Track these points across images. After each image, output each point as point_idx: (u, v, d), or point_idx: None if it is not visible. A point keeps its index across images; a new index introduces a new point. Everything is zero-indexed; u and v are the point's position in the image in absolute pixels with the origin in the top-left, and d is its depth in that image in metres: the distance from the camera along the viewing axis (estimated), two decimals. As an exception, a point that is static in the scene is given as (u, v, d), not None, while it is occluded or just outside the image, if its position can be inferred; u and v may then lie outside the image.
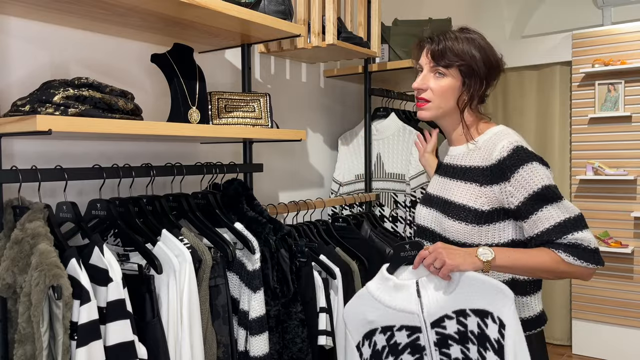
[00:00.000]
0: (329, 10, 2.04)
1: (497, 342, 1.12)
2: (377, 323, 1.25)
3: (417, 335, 1.22)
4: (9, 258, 1.18)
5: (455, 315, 1.17)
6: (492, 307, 1.13)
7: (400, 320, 1.23)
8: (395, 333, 1.24)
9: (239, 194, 1.71)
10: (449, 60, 1.29)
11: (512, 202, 1.23)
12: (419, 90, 1.33)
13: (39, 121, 1.07)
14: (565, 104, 3.90)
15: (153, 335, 1.26)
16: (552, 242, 1.21)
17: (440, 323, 1.19)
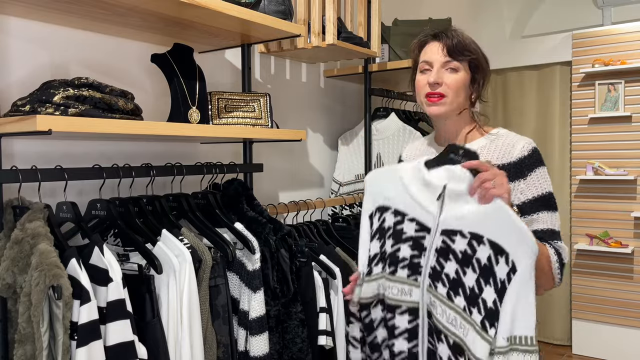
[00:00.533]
0: (329, 10, 2.04)
1: (501, 283, 1.08)
2: (393, 202, 1.27)
3: (423, 234, 1.21)
4: (9, 258, 1.18)
5: (470, 236, 1.14)
6: (511, 250, 1.08)
7: (416, 212, 1.23)
8: (405, 221, 1.24)
9: (239, 194, 1.71)
10: (463, 55, 1.31)
11: (519, 198, 1.27)
12: (435, 85, 1.31)
13: (39, 121, 1.08)
14: (565, 104, 3.90)
15: (153, 335, 1.26)
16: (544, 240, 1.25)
17: (452, 235, 1.16)
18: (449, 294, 1.15)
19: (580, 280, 3.74)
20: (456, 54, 1.31)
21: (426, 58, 1.34)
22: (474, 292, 1.12)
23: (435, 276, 1.18)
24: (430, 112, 1.34)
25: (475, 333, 1.09)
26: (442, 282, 1.17)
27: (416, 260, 1.21)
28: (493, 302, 1.09)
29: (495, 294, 1.09)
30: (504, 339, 1.06)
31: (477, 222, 1.13)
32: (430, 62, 1.33)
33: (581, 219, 3.74)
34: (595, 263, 3.68)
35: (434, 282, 1.18)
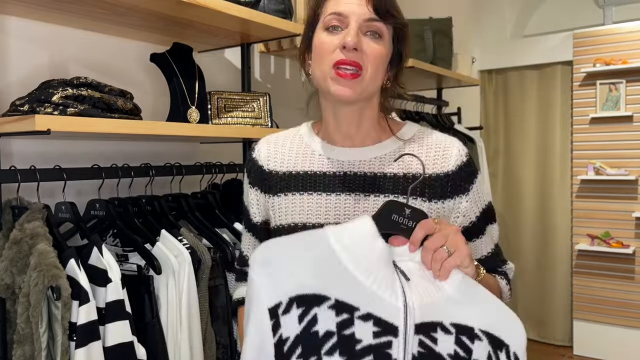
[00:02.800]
0: (329, 10, 2.04)
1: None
2: (329, 290, 0.77)
3: (388, 339, 0.77)
4: (7, 258, 1.18)
5: (455, 330, 0.79)
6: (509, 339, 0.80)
7: (370, 305, 0.77)
8: (355, 321, 0.77)
9: (239, 194, 1.71)
10: (392, 16, 0.91)
11: (461, 221, 0.96)
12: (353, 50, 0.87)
13: (37, 121, 1.07)
14: (567, 103, 3.90)
15: (152, 336, 1.26)
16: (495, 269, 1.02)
17: (430, 332, 0.78)
18: None
19: (581, 281, 3.73)
20: (383, 11, 0.89)
21: (339, 9, 0.89)
22: None
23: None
24: (337, 92, 0.90)
25: None
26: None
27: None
28: None
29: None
30: None
31: (457, 309, 0.79)
32: (344, 14, 0.89)
33: (582, 219, 3.74)
34: (596, 263, 3.68)
35: None
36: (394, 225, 0.82)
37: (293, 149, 1.03)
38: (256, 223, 1.06)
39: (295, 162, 1.01)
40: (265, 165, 1.03)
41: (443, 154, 0.95)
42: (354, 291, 0.78)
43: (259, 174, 1.04)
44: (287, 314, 0.78)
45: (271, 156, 1.03)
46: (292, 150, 1.03)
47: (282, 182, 1.00)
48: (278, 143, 1.05)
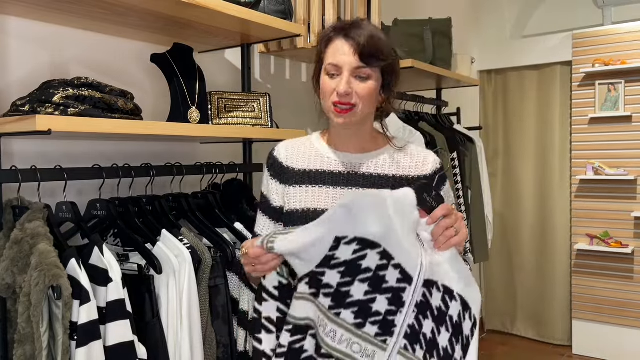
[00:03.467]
0: (329, 10, 2.04)
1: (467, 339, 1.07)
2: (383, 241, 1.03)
3: (404, 286, 1.03)
4: (8, 258, 1.18)
5: (443, 290, 1.05)
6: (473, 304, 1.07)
7: (402, 257, 1.03)
8: (389, 268, 1.03)
9: (239, 194, 1.71)
10: (378, 60, 1.14)
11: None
12: (346, 95, 1.13)
13: (38, 121, 1.07)
14: (566, 104, 3.90)
15: (153, 335, 1.26)
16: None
17: (430, 288, 1.04)
18: (425, 357, 1.04)
19: (580, 281, 3.74)
20: (370, 60, 1.13)
21: (335, 61, 1.15)
22: (447, 353, 1.06)
23: (413, 337, 1.04)
24: (338, 122, 1.17)
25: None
26: (420, 344, 1.05)
27: (390, 318, 1.03)
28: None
29: (461, 352, 1.07)
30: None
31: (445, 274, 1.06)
32: (339, 65, 1.14)
33: (581, 219, 3.74)
34: (596, 263, 3.68)
35: (412, 344, 1.04)
36: (424, 202, 1.06)
37: (306, 152, 1.29)
38: (276, 207, 1.29)
39: (309, 162, 1.27)
40: (285, 163, 1.28)
41: (423, 161, 1.25)
42: (395, 246, 1.03)
43: (279, 169, 1.29)
44: (347, 245, 1.03)
45: (289, 156, 1.29)
46: (305, 153, 1.29)
47: (297, 176, 1.26)
48: (294, 147, 1.31)
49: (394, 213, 1.03)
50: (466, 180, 2.80)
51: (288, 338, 1.06)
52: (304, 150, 1.29)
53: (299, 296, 1.07)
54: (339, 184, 1.22)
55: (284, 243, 1.04)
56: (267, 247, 1.05)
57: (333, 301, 1.03)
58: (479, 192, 2.91)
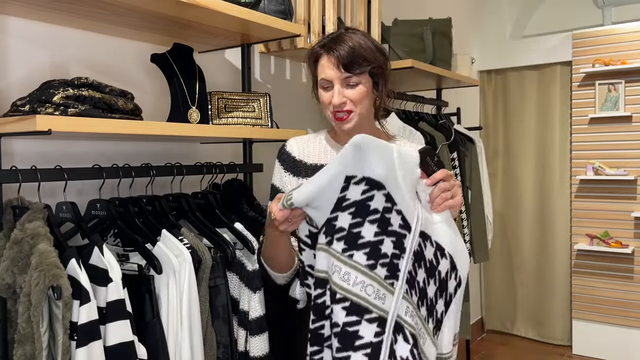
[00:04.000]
0: (329, 10, 2.04)
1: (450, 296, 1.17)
2: (388, 184, 1.10)
3: (405, 232, 1.12)
4: (8, 258, 1.18)
5: (436, 246, 1.15)
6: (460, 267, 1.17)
7: (403, 205, 1.12)
8: (393, 212, 1.11)
9: (239, 194, 1.71)
10: (361, 66, 1.25)
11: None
12: (341, 105, 1.26)
13: (38, 121, 1.07)
14: (566, 104, 3.90)
15: (153, 335, 1.26)
16: None
17: (425, 240, 1.14)
18: (418, 303, 1.14)
19: (580, 281, 3.74)
20: (353, 68, 1.24)
21: (324, 76, 1.28)
22: (432, 303, 1.16)
23: (411, 283, 1.12)
24: (340, 128, 1.31)
25: (430, 341, 1.15)
26: (415, 290, 1.13)
27: (395, 261, 1.11)
28: (441, 314, 1.17)
29: (444, 306, 1.17)
30: (451, 344, 1.17)
31: (439, 233, 1.15)
32: (328, 79, 1.27)
33: (581, 219, 3.74)
34: (596, 263, 3.68)
35: (410, 290, 1.12)
36: (426, 164, 1.15)
37: (316, 148, 1.41)
38: None
39: (319, 157, 1.39)
40: (297, 157, 1.40)
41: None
42: (397, 192, 1.11)
43: (291, 162, 1.40)
44: (356, 185, 1.10)
45: (300, 151, 1.41)
46: (315, 149, 1.41)
47: (309, 170, 1.37)
48: (305, 142, 1.43)
49: (398, 165, 1.12)
50: (466, 180, 2.80)
51: (312, 292, 1.15)
52: (314, 146, 1.41)
53: (318, 247, 1.13)
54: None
55: (300, 193, 1.11)
56: (287, 204, 1.12)
57: (346, 243, 1.10)
58: (479, 192, 2.91)
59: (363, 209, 1.10)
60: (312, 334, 1.14)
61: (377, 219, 1.10)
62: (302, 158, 1.39)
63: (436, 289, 1.16)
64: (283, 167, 1.41)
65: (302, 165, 1.39)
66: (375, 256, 1.09)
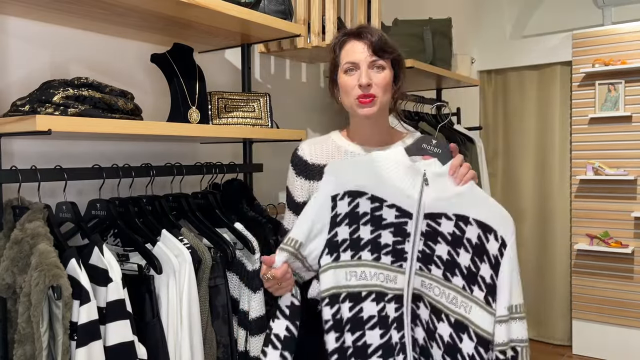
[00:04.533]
0: (329, 10, 2.04)
1: (495, 258, 1.18)
2: (368, 189, 1.24)
3: (405, 220, 1.22)
4: (8, 258, 1.18)
5: (455, 218, 1.20)
6: (498, 227, 1.18)
7: (395, 199, 1.23)
8: (383, 207, 1.23)
9: (239, 194, 1.71)
10: (387, 52, 1.31)
11: None
12: (367, 86, 1.30)
13: (38, 121, 1.07)
14: (566, 103, 3.90)
15: (153, 335, 1.26)
16: None
17: (436, 218, 1.21)
18: (445, 275, 1.21)
19: (580, 281, 3.74)
20: (381, 52, 1.30)
21: (351, 59, 1.31)
22: (471, 270, 1.19)
23: (426, 259, 1.22)
24: (363, 113, 1.32)
25: (480, 308, 1.17)
26: (436, 264, 1.22)
27: (400, 247, 1.23)
28: (491, 277, 1.17)
29: (491, 270, 1.18)
30: (505, 308, 1.16)
31: (458, 205, 1.20)
32: (356, 62, 1.31)
33: (581, 219, 3.74)
34: (596, 263, 3.68)
35: (425, 266, 1.22)
36: (424, 150, 1.23)
37: (329, 149, 1.42)
38: (299, 203, 1.42)
39: (332, 158, 1.40)
40: (309, 160, 1.42)
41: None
42: (386, 190, 1.23)
43: (303, 167, 1.43)
44: (341, 200, 1.24)
45: (312, 153, 1.43)
46: (328, 150, 1.42)
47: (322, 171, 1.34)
48: (317, 144, 1.45)
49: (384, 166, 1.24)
50: (466, 180, 2.79)
51: (329, 311, 1.22)
52: (326, 147, 1.43)
53: (324, 269, 1.23)
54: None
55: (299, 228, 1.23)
56: (294, 247, 1.22)
57: (352, 250, 1.23)
58: (479, 192, 2.91)
59: (354, 216, 1.24)
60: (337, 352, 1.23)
61: (369, 220, 1.24)
62: (315, 160, 1.42)
63: (471, 255, 1.19)
64: (295, 172, 1.44)
65: (314, 167, 1.41)
66: (377, 249, 1.23)
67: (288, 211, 1.46)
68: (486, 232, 1.18)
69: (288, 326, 1.24)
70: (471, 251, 1.19)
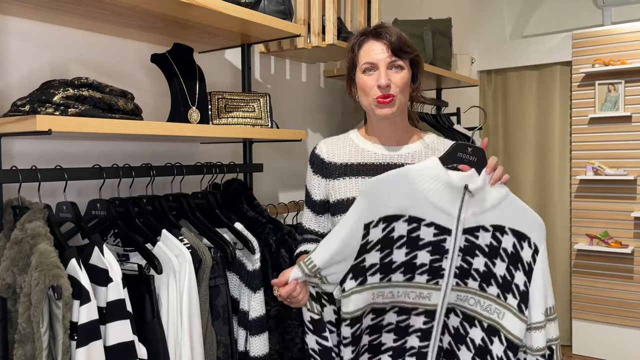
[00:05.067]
0: (329, 10, 2.04)
1: (529, 265, 1.18)
2: (406, 210, 1.19)
3: (444, 237, 1.20)
4: (8, 258, 1.18)
5: (492, 229, 1.19)
6: (531, 234, 1.18)
7: (434, 216, 1.19)
8: (421, 227, 1.20)
9: (239, 194, 1.71)
10: (406, 52, 1.31)
11: None
12: (387, 87, 1.29)
13: (38, 121, 1.07)
14: (566, 104, 3.90)
15: (153, 335, 1.26)
16: None
17: (475, 232, 1.20)
18: (481, 286, 1.22)
19: (580, 281, 3.74)
20: (400, 52, 1.30)
21: (370, 59, 1.31)
22: (506, 279, 1.20)
23: (463, 274, 1.23)
24: (382, 113, 1.31)
25: (513, 315, 1.18)
26: (473, 277, 1.22)
27: (437, 264, 1.22)
28: (524, 284, 1.18)
29: (525, 277, 1.18)
30: (542, 314, 1.17)
31: (495, 215, 1.19)
32: (374, 62, 1.31)
33: (581, 219, 3.74)
34: (595, 263, 3.68)
35: (462, 280, 1.23)
36: (460, 160, 1.20)
37: (347, 148, 1.42)
38: (316, 201, 1.45)
39: (350, 156, 1.40)
40: (326, 159, 1.42)
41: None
42: (424, 209, 1.19)
43: (320, 165, 1.43)
44: (375, 227, 1.19)
45: (330, 152, 1.43)
46: (345, 148, 1.42)
47: (340, 170, 1.40)
48: (334, 143, 1.45)
49: (420, 182, 1.18)
50: (466, 180, 2.79)
51: (349, 330, 1.21)
52: (344, 146, 1.43)
53: (348, 293, 1.20)
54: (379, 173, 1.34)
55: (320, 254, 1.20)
56: (313, 271, 1.20)
57: (382, 273, 1.22)
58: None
59: (387, 242, 1.20)
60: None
61: (404, 243, 1.21)
62: (332, 159, 1.42)
63: (507, 264, 1.19)
64: (312, 170, 1.46)
65: (331, 166, 1.41)
66: (411, 270, 1.22)
67: (306, 209, 1.48)
68: (521, 240, 1.18)
69: (317, 340, 1.26)
70: (507, 260, 1.20)
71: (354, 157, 1.40)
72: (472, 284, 1.22)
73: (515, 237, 1.19)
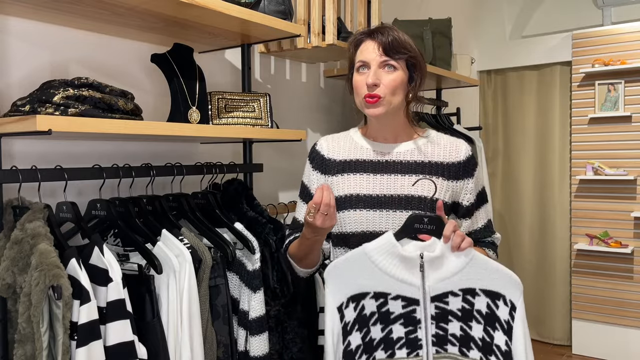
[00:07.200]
0: (328, 10, 2.04)
1: (507, 323, 1.17)
2: (369, 287, 1.20)
3: (413, 308, 1.20)
4: (8, 258, 1.18)
5: (462, 293, 1.18)
6: (505, 291, 1.17)
7: (398, 289, 1.20)
8: (389, 301, 1.21)
9: (239, 194, 1.71)
10: (400, 53, 1.29)
11: (469, 198, 1.37)
12: (373, 86, 1.28)
13: (39, 121, 1.07)
14: (565, 104, 3.90)
15: (153, 335, 1.26)
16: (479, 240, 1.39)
17: (443, 298, 1.19)
18: (461, 350, 1.21)
19: (580, 280, 3.74)
20: (392, 53, 1.29)
21: (362, 58, 1.31)
22: (485, 341, 1.20)
23: (441, 341, 1.21)
24: (369, 113, 1.32)
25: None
26: (451, 342, 1.21)
27: (412, 336, 1.22)
28: (505, 344, 1.17)
29: (505, 336, 1.17)
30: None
31: (462, 279, 1.18)
32: (366, 61, 1.30)
33: (581, 219, 3.74)
34: (595, 263, 3.68)
35: (442, 347, 1.22)
36: (418, 230, 1.20)
37: (347, 145, 1.43)
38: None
39: (349, 153, 1.40)
40: (326, 155, 1.43)
41: (456, 148, 1.38)
42: (386, 284, 1.19)
43: (320, 161, 1.44)
44: (347, 308, 1.21)
45: (330, 149, 1.43)
46: (345, 146, 1.43)
47: (339, 166, 1.40)
48: (335, 140, 1.45)
49: (377, 258, 1.19)
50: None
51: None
52: (344, 143, 1.44)
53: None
54: (378, 170, 1.36)
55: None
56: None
57: (366, 353, 1.22)
58: (479, 192, 2.91)
59: (362, 321, 1.22)
60: None
61: (377, 319, 1.22)
62: (332, 156, 1.42)
63: (483, 326, 1.19)
64: (311, 166, 1.45)
65: (331, 163, 1.41)
66: (390, 346, 1.22)
67: (301, 203, 1.46)
68: (495, 299, 1.17)
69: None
70: (483, 322, 1.19)
71: (352, 154, 1.40)
72: (452, 349, 1.21)
73: (488, 297, 1.18)
